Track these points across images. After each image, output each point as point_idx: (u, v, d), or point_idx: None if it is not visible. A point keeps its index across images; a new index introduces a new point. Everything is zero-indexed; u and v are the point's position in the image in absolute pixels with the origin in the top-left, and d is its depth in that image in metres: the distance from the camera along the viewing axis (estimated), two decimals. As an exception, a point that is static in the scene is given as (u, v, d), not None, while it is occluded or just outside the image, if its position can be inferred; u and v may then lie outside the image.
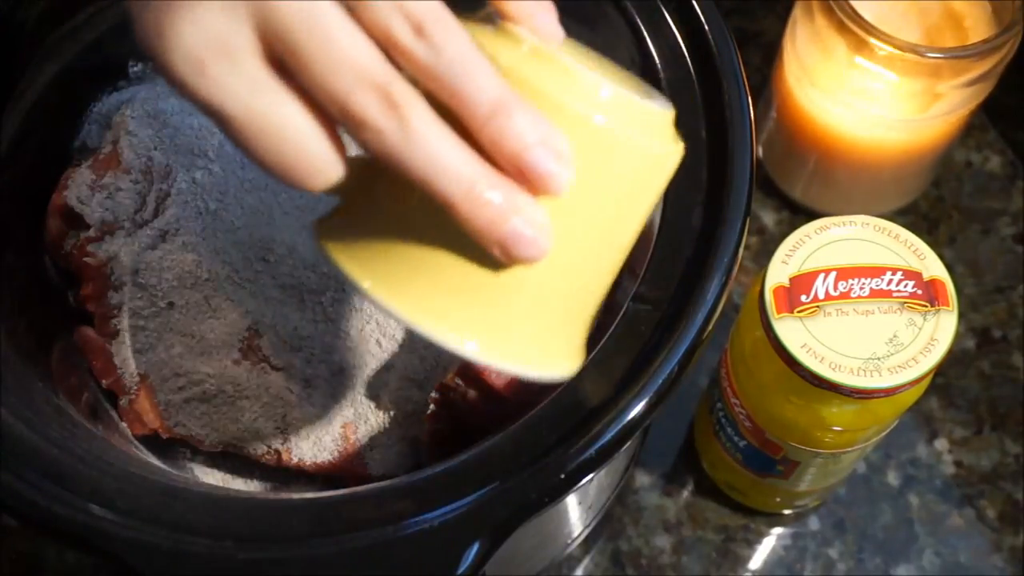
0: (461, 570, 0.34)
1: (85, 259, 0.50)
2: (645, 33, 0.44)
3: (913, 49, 0.54)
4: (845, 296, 0.44)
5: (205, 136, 0.52)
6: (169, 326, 0.49)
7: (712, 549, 0.59)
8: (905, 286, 0.44)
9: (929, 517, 0.60)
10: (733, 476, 0.57)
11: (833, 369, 0.43)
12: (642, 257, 0.41)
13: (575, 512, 0.51)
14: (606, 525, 0.59)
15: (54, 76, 0.49)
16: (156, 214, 0.51)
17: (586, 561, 0.58)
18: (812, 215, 0.63)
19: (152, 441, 0.49)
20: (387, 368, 0.47)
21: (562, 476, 0.36)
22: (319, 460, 0.47)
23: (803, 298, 0.44)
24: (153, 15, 0.28)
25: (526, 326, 0.32)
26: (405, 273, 0.31)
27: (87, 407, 0.47)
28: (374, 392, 0.47)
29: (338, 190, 0.30)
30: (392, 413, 0.47)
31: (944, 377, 0.63)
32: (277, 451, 0.47)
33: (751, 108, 0.42)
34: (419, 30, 0.27)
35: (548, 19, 0.30)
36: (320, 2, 0.27)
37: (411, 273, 0.31)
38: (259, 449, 0.48)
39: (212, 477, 0.50)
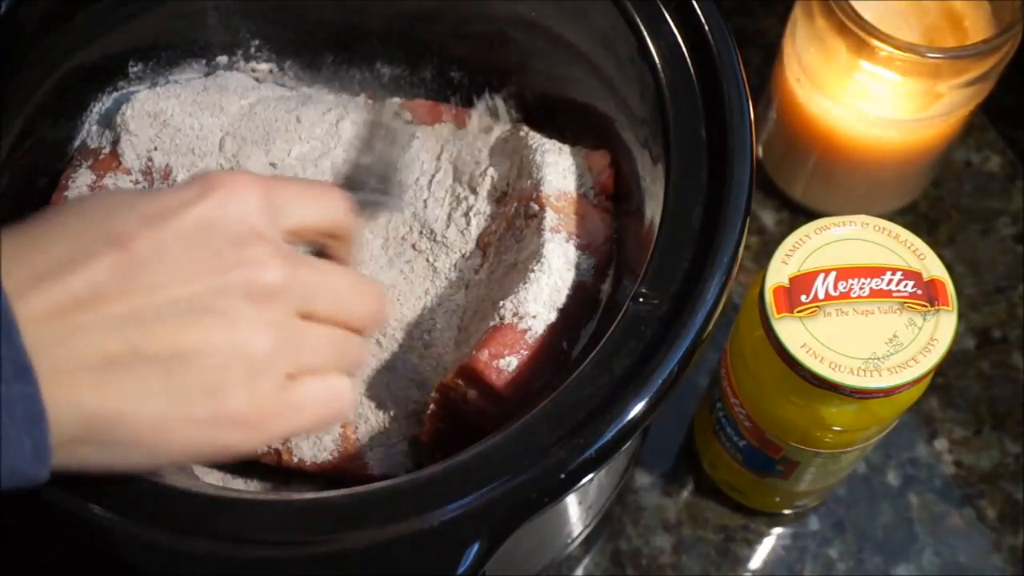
0: (461, 570, 0.34)
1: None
2: (645, 33, 0.44)
3: (913, 49, 0.54)
4: (845, 296, 0.44)
5: (205, 136, 0.52)
6: (169, 326, 0.49)
7: (712, 549, 0.59)
8: (905, 286, 0.44)
9: (929, 517, 0.60)
10: (733, 476, 0.57)
11: (833, 369, 0.43)
12: (642, 257, 0.41)
13: (575, 512, 0.51)
14: (606, 525, 0.59)
15: (54, 76, 0.49)
16: (156, 214, 0.51)
17: (586, 561, 0.58)
18: (812, 215, 0.63)
19: (152, 441, 0.49)
20: (387, 368, 0.47)
21: (562, 476, 0.36)
22: (319, 460, 0.47)
23: (803, 298, 0.44)
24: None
25: None
26: None
27: (87, 407, 0.47)
28: (374, 392, 0.47)
29: None
30: (392, 413, 0.47)
31: (944, 377, 0.63)
32: (277, 451, 0.47)
33: (751, 108, 0.42)
34: None
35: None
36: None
37: None
38: (259, 449, 0.48)
39: (212, 477, 0.50)
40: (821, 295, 0.44)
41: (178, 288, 0.32)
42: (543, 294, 0.44)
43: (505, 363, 0.43)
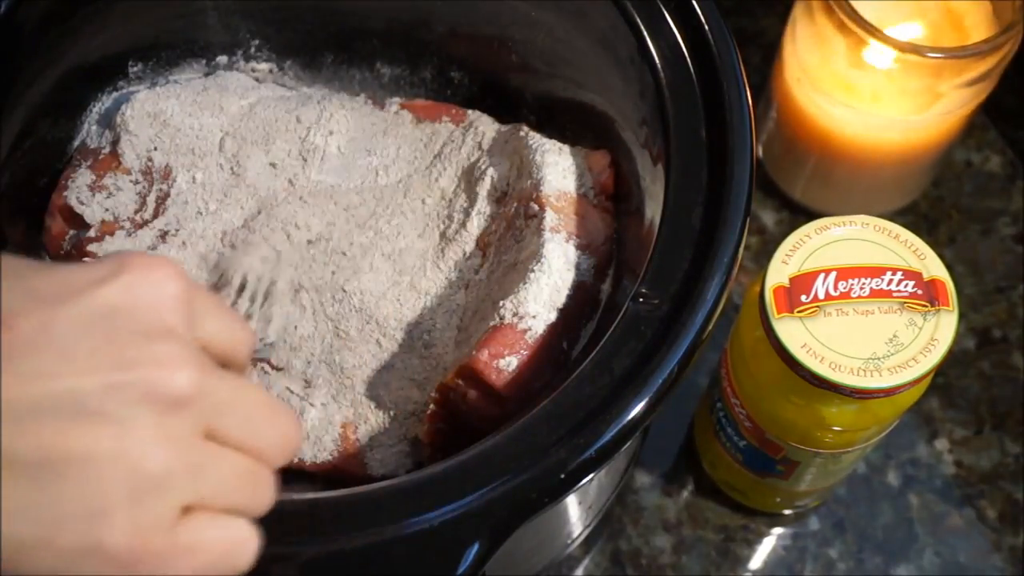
0: (461, 570, 0.34)
1: (85, 259, 0.50)
2: (645, 33, 0.44)
3: (913, 49, 0.54)
4: (845, 296, 0.44)
5: (205, 136, 0.52)
6: (169, 326, 0.49)
7: (712, 549, 0.59)
8: (905, 286, 0.44)
9: (929, 517, 0.60)
10: (733, 476, 0.57)
11: (833, 369, 0.43)
12: (642, 257, 0.41)
13: (575, 512, 0.51)
14: (606, 525, 0.59)
15: (54, 76, 0.49)
16: (156, 214, 0.51)
17: (586, 561, 0.58)
18: (812, 215, 0.63)
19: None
20: (387, 368, 0.47)
21: (562, 476, 0.36)
22: (319, 460, 0.47)
23: (803, 298, 0.44)
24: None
25: None
26: None
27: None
28: (374, 392, 0.47)
29: None
30: (392, 413, 0.47)
31: (944, 377, 0.63)
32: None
33: (751, 108, 0.42)
34: None
35: None
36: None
37: None
38: None
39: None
40: (821, 295, 0.44)
41: (64, 381, 0.26)
42: (543, 294, 0.44)
43: (505, 363, 0.43)
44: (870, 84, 0.57)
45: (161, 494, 0.28)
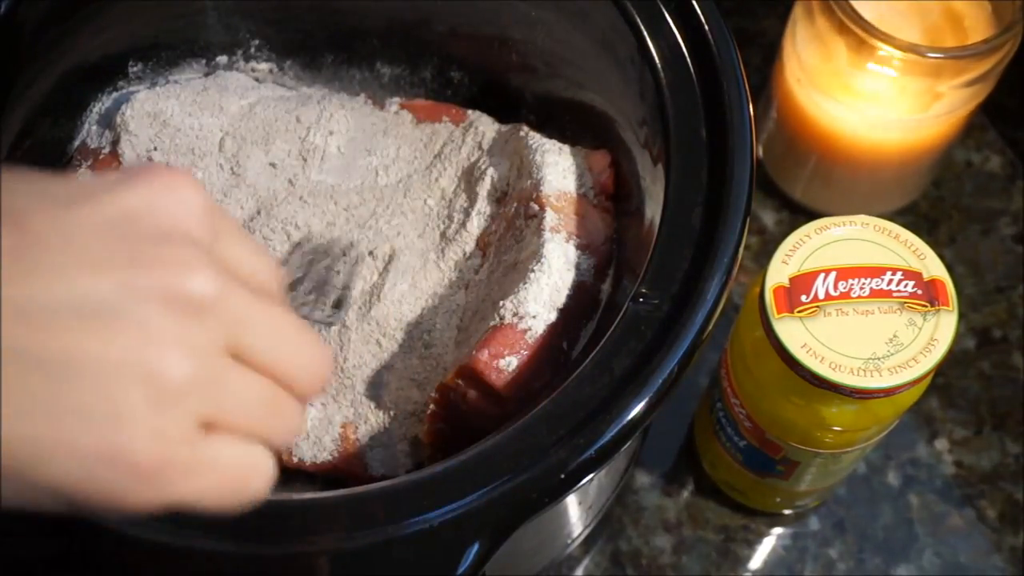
0: (461, 570, 0.34)
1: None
2: (645, 33, 0.44)
3: (913, 49, 0.54)
4: (845, 296, 0.44)
5: (205, 136, 0.52)
6: (169, 326, 0.49)
7: (712, 549, 0.59)
8: (905, 286, 0.44)
9: (929, 517, 0.60)
10: (733, 476, 0.57)
11: (833, 369, 0.43)
12: (642, 257, 0.41)
13: (575, 512, 0.51)
14: (606, 525, 0.59)
15: (54, 76, 0.49)
16: (156, 214, 0.51)
17: (586, 561, 0.58)
18: (812, 215, 0.63)
19: (152, 441, 0.49)
20: (387, 368, 0.47)
21: (562, 476, 0.36)
22: (319, 460, 0.47)
23: (803, 298, 0.44)
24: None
25: None
26: None
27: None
28: (374, 392, 0.47)
29: None
30: (392, 413, 0.47)
31: (944, 377, 0.63)
32: (277, 451, 0.47)
33: (751, 108, 0.42)
34: None
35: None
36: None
37: None
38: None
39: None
40: (821, 295, 0.44)
41: (79, 279, 0.25)
42: (543, 294, 0.44)
43: (505, 363, 0.43)
44: (870, 84, 0.57)
45: (181, 404, 0.26)
